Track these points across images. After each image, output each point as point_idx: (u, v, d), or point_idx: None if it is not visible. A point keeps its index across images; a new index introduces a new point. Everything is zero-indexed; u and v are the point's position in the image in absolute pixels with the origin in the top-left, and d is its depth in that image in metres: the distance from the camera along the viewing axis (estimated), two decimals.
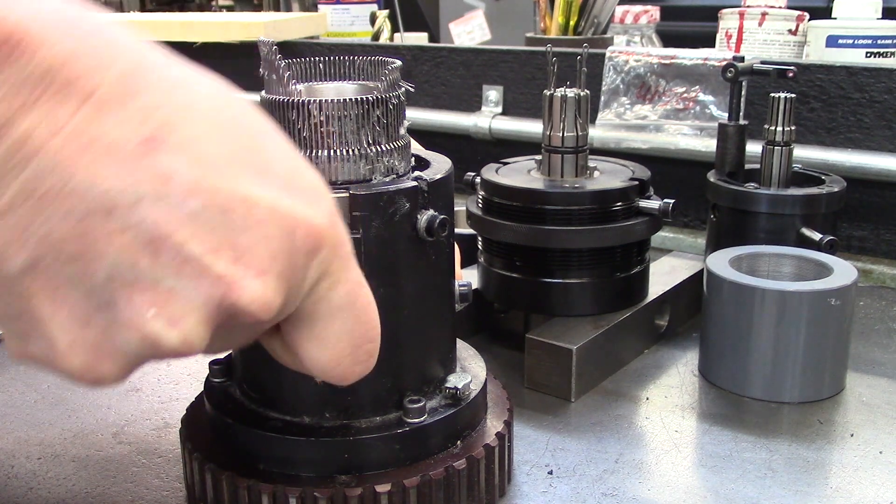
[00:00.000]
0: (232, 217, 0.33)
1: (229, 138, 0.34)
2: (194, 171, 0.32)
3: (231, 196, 0.33)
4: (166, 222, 0.31)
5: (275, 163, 0.35)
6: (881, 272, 0.95)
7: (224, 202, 0.32)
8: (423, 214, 0.47)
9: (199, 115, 0.33)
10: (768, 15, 1.14)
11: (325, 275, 0.36)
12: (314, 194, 0.36)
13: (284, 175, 0.35)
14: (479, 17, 1.89)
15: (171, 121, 0.32)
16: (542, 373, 0.68)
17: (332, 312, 0.37)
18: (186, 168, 0.32)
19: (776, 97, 0.81)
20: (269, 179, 0.34)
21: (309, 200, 0.35)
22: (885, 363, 0.74)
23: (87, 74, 0.31)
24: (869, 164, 0.94)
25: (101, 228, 0.31)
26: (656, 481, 0.56)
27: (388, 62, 0.49)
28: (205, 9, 2.93)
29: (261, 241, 0.33)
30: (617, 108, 1.09)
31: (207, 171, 0.32)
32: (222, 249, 0.32)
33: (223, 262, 0.32)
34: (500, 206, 0.72)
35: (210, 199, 0.32)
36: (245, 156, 0.34)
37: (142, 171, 0.31)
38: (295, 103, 0.46)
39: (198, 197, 0.32)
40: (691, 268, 0.83)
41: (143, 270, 0.32)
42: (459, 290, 0.53)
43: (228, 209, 0.32)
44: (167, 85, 0.33)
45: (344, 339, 0.38)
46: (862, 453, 0.60)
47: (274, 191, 0.34)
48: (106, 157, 0.31)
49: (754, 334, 0.66)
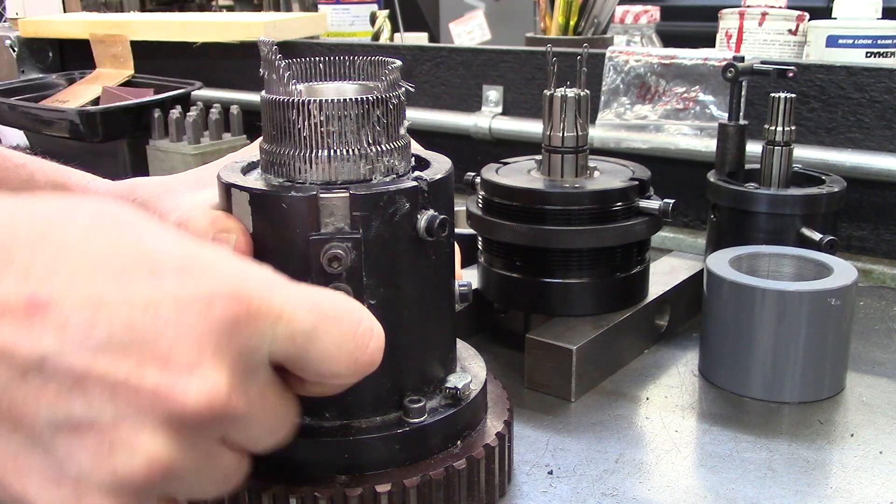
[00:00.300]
0: (140, 329, 0.32)
1: (109, 257, 0.33)
2: (85, 307, 0.32)
3: (130, 310, 0.32)
4: (80, 363, 0.32)
5: (163, 257, 0.34)
6: (881, 272, 0.95)
7: (125, 320, 0.32)
8: (423, 214, 0.47)
9: (74, 250, 0.33)
10: (768, 15, 1.14)
11: (277, 320, 0.36)
12: (214, 265, 0.35)
13: (177, 264, 0.34)
14: (479, 17, 1.89)
15: (48, 270, 0.32)
16: (542, 373, 0.68)
17: (310, 340, 0.37)
18: (77, 308, 0.32)
19: (776, 97, 0.81)
20: (162, 275, 0.34)
21: (212, 273, 0.35)
22: (885, 363, 0.74)
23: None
24: (869, 164, 0.94)
25: (23, 392, 0.31)
26: (656, 481, 0.56)
27: (388, 62, 0.49)
28: (205, 9, 2.93)
29: (179, 337, 0.33)
30: (617, 108, 1.09)
31: (98, 300, 0.32)
32: (145, 363, 0.32)
33: (151, 374, 0.32)
34: (500, 206, 0.72)
35: (111, 324, 0.32)
36: (131, 266, 0.33)
37: (37, 329, 0.31)
38: (295, 103, 0.46)
39: (98, 328, 0.32)
40: (691, 268, 0.83)
41: (81, 414, 0.32)
42: (459, 290, 0.53)
43: (132, 323, 0.32)
44: (36, 235, 0.33)
45: (340, 348, 0.38)
46: (862, 453, 0.60)
47: (172, 283, 0.34)
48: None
49: (754, 334, 0.66)
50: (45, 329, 0.31)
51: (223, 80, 1.48)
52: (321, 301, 0.38)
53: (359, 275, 0.46)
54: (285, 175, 0.48)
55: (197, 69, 1.49)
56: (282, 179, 0.48)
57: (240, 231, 0.47)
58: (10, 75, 1.67)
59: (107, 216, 0.35)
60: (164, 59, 1.54)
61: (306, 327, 0.37)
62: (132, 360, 0.32)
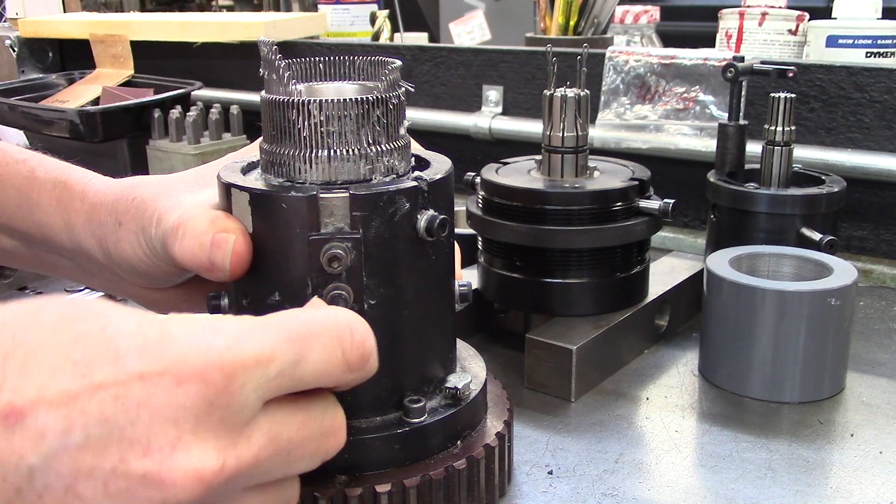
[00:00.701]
0: (113, 418, 0.33)
1: (75, 353, 0.33)
2: (59, 407, 0.32)
3: (100, 402, 0.33)
4: (67, 466, 0.32)
5: (126, 340, 0.34)
6: (881, 272, 0.95)
7: (98, 412, 0.32)
8: (423, 214, 0.47)
9: (42, 352, 0.33)
10: (768, 15, 1.14)
11: (255, 368, 0.36)
12: (175, 339, 0.35)
13: (139, 343, 0.34)
14: (479, 17, 1.89)
15: (20, 375, 0.33)
16: (542, 373, 0.68)
17: (297, 367, 0.37)
18: (50, 410, 0.32)
19: (776, 97, 0.81)
20: (126, 358, 0.34)
21: (174, 346, 0.35)
22: (885, 363, 0.74)
23: None
24: (869, 164, 0.94)
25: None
26: (656, 481, 0.56)
27: (388, 62, 0.49)
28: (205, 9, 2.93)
29: (153, 418, 0.33)
30: (617, 108, 1.09)
31: (68, 398, 0.32)
32: (127, 452, 0.33)
33: (135, 462, 0.33)
34: (500, 206, 0.72)
35: (85, 421, 0.32)
36: (96, 356, 0.34)
37: (17, 438, 0.32)
38: (295, 103, 0.46)
39: (74, 428, 0.32)
40: (691, 268, 0.83)
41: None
42: (459, 290, 0.53)
43: (105, 414, 0.33)
44: (7, 342, 0.33)
45: (329, 361, 0.38)
46: (862, 453, 0.60)
47: (135, 363, 0.34)
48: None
49: (754, 334, 0.66)
50: (25, 438, 0.32)
51: (223, 80, 1.48)
52: (296, 326, 0.38)
53: (359, 275, 0.46)
54: (285, 175, 0.48)
55: (197, 69, 1.49)
56: (282, 179, 0.48)
57: (239, 231, 0.47)
58: (10, 75, 1.67)
59: (71, 313, 0.35)
60: (164, 59, 1.54)
61: (289, 359, 0.37)
62: (114, 451, 0.33)
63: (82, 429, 0.32)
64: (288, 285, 0.46)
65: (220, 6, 2.93)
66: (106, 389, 0.33)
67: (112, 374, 0.33)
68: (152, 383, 0.33)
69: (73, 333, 0.34)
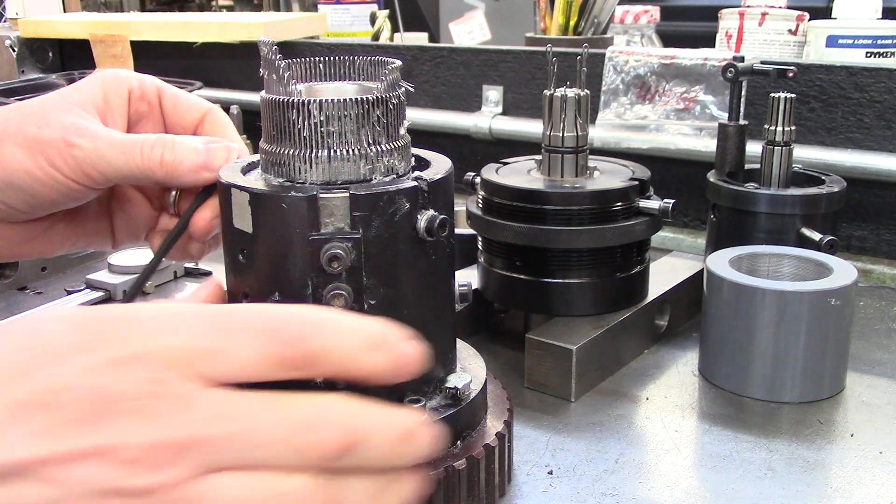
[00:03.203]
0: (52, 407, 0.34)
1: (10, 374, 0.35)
2: (6, 411, 0.34)
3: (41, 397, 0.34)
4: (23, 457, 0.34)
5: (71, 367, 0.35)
6: (881, 272, 0.95)
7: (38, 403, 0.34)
8: (423, 214, 0.47)
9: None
10: (768, 15, 1.14)
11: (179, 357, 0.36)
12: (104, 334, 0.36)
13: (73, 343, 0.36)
14: (479, 17, 1.89)
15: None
16: (542, 373, 0.68)
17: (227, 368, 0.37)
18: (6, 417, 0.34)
19: (776, 97, 0.81)
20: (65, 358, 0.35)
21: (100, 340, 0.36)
22: (885, 363, 0.74)
23: None
24: (869, 164, 0.94)
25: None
26: (656, 481, 0.56)
27: (388, 62, 0.49)
28: (205, 9, 2.93)
29: (81, 402, 0.34)
30: (617, 108, 1.09)
31: (15, 405, 0.34)
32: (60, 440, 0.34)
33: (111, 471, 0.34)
34: (500, 206, 0.72)
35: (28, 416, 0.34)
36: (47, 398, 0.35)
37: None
38: (295, 103, 0.46)
39: (29, 420, 0.34)
40: (691, 268, 0.83)
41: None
42: (459, 290, 0.53)
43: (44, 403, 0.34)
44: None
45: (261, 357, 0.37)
46: (862, 453, 0.60)
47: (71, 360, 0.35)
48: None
49: (754, 334, 0.66)
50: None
51: (223, 80, 1.48)
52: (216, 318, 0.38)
53: (359, 275, 0.46)
54: (285, 175, 0.48)
55: (197, 69, 1.49)
56: (282, 179, 0.48)
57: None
58: (10, 75, 1.66)
59: (27, 341, 0.36)
60: (164, 59, 1.54)
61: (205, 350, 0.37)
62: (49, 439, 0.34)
63: (38, 421, 0.34)
64: (288, 285, 0.46)
65: (220, 6, 2.93)
66: (37, 380, 0.35)
67: (44, 367, 0.35)
68: (83, 370, 0.35)
69: (10, 344, 0.36)
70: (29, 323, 0.37)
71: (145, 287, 0.91)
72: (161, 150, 0.53)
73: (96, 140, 0.52)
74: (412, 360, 0.39)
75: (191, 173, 0.53)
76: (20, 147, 0.52)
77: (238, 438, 0.36)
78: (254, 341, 0.37)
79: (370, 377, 0.38)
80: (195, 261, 0.59)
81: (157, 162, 0.53)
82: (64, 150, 0.52)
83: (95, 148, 0.52)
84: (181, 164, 0.53)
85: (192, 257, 0.59)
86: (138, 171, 0.53)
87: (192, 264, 0.96)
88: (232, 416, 0.36)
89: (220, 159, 0.53)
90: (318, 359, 0.37)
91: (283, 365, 0.37)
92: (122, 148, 0.53)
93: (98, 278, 0.90)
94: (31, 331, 0.36)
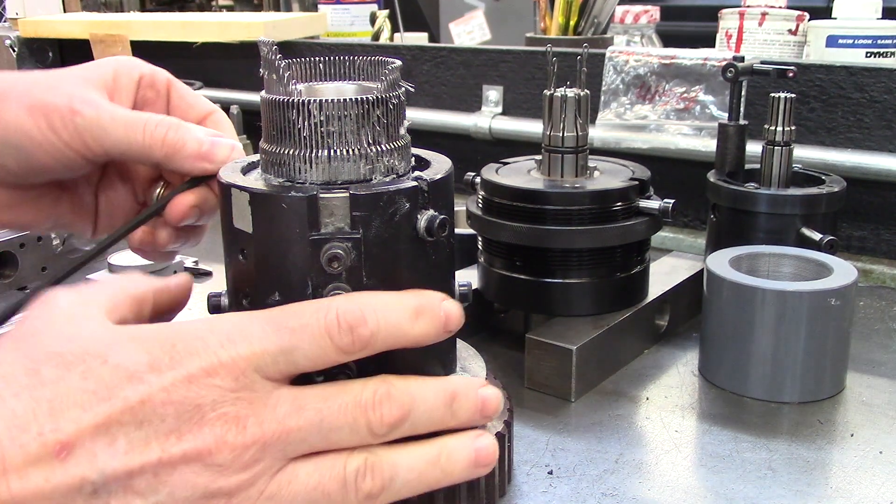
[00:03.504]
0: (147, 421, 0.38)
1: (91, 388, 0.38)
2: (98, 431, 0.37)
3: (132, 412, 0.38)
4: (121, 471, 0.37)
5: (131, 362, 0.39)
6: (881, 272, 0.95)
7: (132, 420, 0.38)
8: (423, 214, 0.47)
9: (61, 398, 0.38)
10: (768, 15, 1.14)
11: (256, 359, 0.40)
12: (177, 348, 0.40)
13: (147, 361, 0.39)
14: (479, 17, 1.89)
15: (53, 422, 0.37)
16: (542, 373, 0.68)
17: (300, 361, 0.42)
18: (94, 436, 0.37)
19: (776, 97, 0.81)
20: (141, 375, 0.38)
21: (177, 356, 0.39)
22: (885, 363, 0.74)
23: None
24: (869, 164, 0.94)
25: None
26: (656, 481, 0.56)
27: (388, 62, 0.49)
28: (205, 9, 2.93)
29: (179, 411, 0.38)
30: (617, 108, 1.09)
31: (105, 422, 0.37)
32: (164, 442, 0.38)
33: (173, 447, 0.38)
34: (500, 206, 0.72)
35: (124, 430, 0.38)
36: (112, 383, 0.38)
37: (74, 468, 0.37)
38: (295, 103, 0.46)
39: (117, 440, 0.37)
40: (691, 268, 0.83)
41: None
42: (459, 290, 0.53)
43: (139, 420, 0.38)
44: (26, 405, 0.37)
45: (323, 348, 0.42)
46: (862, 453, 0.60)
47: (151, 377, 0.39)
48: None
49: (754, 334, 0.66)
50: (80, 463, 0.37)
51: (223, 80, 1.48)
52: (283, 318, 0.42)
53: (359, 275, 0.46)
54: (285, 175, 0.48)
55: (197, 69, 1.49)
56: (282, 179, 0.48)
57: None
58: None
59: (60, 361, 0.39)
60: (164, 59, 1.53)
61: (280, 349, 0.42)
62: (154, 446, 0.38)
63: (124, 436, 0.37)
64: (288, 285, 0.46)
65: (220, 6, 2.93)
66: (130, 401, 0.38)
67: (132, 389, 0.38)
68: (170, 386, 0.38)
69: (77, 375, 0.38)
70: (95, 348, 0.40)
71: None
72: (165, 129, 0.53)
73: (100, 111, 0.52)
74: (454, 316, 0.45)
75: (190, 160, 0.53)
76: (24, 107, 0.52)
77: (311, 427, 0.40)
78: (314, 337, 0.41)
79: (422, 341, 0.44)
80: (162, 251, 0.58)
81: (160, 140, 0.53)
82: (66, 116, 0.52)
83: (98, 118, 0.52)
84: (183, 148, 0.53)
85: (159, 245, 0.58)
86: (138, 148, 0.53)
87: (191, 264, 0.96)
88: (304, 408, 0.40)
89: (223, 154, 0.53)
90: (373, 339, 0.42)
91: (344, 351, 0.42)
92: (125, 122, 0.53)
93: (98, 278, 0.90)
94: (100, 355, 0.39)
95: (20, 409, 0.37)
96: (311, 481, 0.41)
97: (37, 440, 0.36)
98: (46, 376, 0.38)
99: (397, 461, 0.43)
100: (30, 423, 0.36)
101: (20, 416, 0.36)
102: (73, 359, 0.39)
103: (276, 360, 0.40)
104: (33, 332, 0.41)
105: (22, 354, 0.39)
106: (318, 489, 0.41)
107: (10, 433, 0.36)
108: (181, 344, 0.40)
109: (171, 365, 0.39)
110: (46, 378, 0.38)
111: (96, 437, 0.37)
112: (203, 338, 0.40)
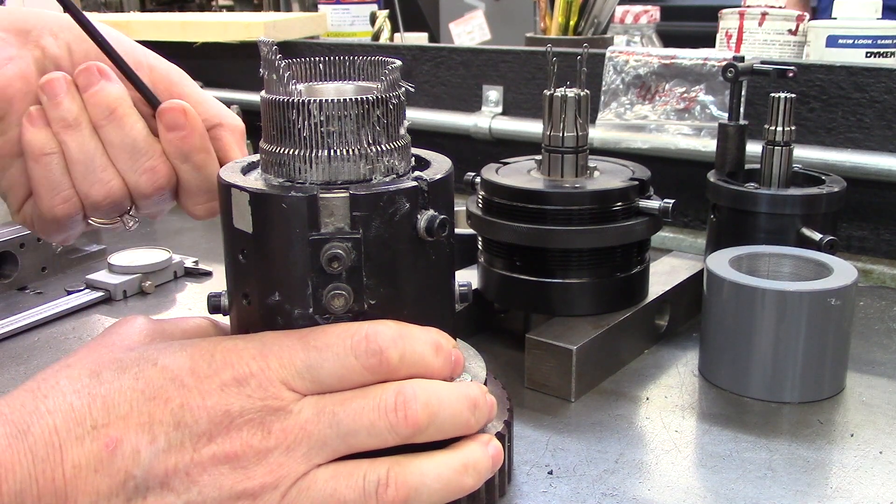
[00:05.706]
0: (183, 423, 0.42)
1: (140, 388, 0.43)
2: (143, 430, 0.42)
3: (172, 413, 0.42)
4: (159, 468, 0.41)
5: (176, 366, 0.44)
6: (881, 272, 0.95)
7: (172, 421, 0.42)
8: (423, 214, 0.47)
9: (113, 397, 0.42)
10: (768, 15, 1.14)
11: (282, 371, 0.44)
12: (214, 357, 0.44)
13: (189, 367, 0.43)
14: (479, 17, 1.89)
15: (105, 419, 0.42)
16: (542, 373, 0.68)
17: (325, 378, 0.45)
18: (138, 433, 0.41)
19: (776, 97, 0.81)
20: (182, 379, 0.43)
21: (214, 364, 0.44)
22: (885, 363, 0.74)
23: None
24: (869, 164, 0.94)
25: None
26: (656, 481, 0.56)
27: (388, 62, 0.49)
28: (205, 9, 2.93)
29: (212, 416, 0.42)
30: (617, 108, 1.09)
31: (149, 421, 0.42)
32: (197, 444, 0.42)
33: (205, 449, 0.42)
34: (500, 206, 0.72)
35: (165, 430, 0.42)
36: (159, 386, 0.43)
37: (120, 462, 0.41)
38: (295, 103, 0.46)
39: (157, 439, 0.42)
40: (691, 268, 0.83)
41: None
42: (459, 290, 0.53)
43: (177, 422, 0.42)
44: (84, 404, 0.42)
45: (348, 367, 0.45)
46: (862, 453, 0.60)
47: (191, 382, 0.43)
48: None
49: (754, 334, 0.66)
50: (126, 458, 0.41)
51: (223, 80, 1.48)
52: (311, 337, 0.45)
53: (359, 275, 0.46)
54: (285, 175, 0.48)
55: (197, 69, 1.48)
56: (282, 179, 0.48)
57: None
58: None
59: (114, 366, 0.44)
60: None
61: (305, 365, 0.45)
62: (188, 447, 0.41)
63: (164, 435, 0.41)
64: (288, 285, 0.46)
65: (220, 6, 2.93)
66: (172, 402, 0.42)
67: (174, 391, 0.42)
68: (205, 392, 0.42)
69: (131, 376, 0.43)
70: (149, 354, 0.44)
71: (146, 287, 0.91)
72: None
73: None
74: (459, 361, 0.48)
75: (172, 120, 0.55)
76: (13, 45, 0.54)
77: (333, 430, 0.43)
78: (339, 356, 0.44)
79: (436, 376, 0.46)
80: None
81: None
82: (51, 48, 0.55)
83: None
84: (176, 115, 0.55)
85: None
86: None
87: (191, 263, 0.96)
88: (323, 412, 0.43)
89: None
90: (399, 364, 0.45)
91: (371, 371, 0.44)
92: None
93: (98, 278, 0.90)
94: (152, 359, 0.44)
95: (78, 405, 0.41)
96: (327, 488, 0.42)
97: (90, 433, 0.40)
98: (105, 378, 0.43)
99: (424, 470, 0.44)
100: (85, 417, 0.41)
101: (77, 411, 0.41)
102: (129, 363, 0.44)
103: (302, 375, 0.43)
104: (106, 343, 0.46)
105: (91, 360, 0.44)
106: (334, 496, 0.42)
107: (67, 425, 0.40)
108: (219, 355, 0.44)
109: (209, 372, 0.43)
110: (105, 379, 0.43)
111: (140, 433, 0.41)
112: (238, 351, 0.44)
